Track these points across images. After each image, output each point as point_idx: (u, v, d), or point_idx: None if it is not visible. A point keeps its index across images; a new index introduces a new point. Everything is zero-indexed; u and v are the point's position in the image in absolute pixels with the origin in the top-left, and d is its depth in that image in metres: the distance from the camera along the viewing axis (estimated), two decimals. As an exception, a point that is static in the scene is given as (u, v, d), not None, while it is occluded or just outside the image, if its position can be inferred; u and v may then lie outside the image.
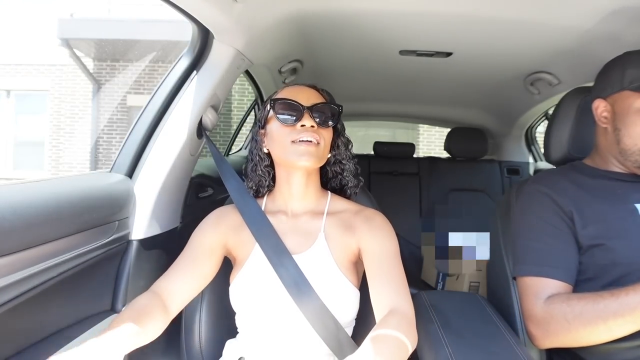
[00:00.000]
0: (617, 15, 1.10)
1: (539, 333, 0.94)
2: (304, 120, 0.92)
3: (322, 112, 0.95)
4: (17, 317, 0.76)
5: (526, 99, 1.98)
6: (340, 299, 0.91)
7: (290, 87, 1.00)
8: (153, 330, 0.83)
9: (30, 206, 0.76)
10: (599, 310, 0.84)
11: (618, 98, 1.00)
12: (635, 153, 0.97)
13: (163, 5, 0.94)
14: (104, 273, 1.02)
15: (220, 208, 1.04)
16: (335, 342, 0.89)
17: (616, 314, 0.82)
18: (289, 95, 0.96)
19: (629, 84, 0.97)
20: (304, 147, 0.91)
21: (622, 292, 0.83)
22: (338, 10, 1.21)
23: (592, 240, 0.96)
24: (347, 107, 2.04)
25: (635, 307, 0.80)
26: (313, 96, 0.97)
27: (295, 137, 0.91)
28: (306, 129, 0.92)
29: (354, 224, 0.97)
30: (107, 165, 1.22)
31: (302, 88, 0.99)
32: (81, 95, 7.63)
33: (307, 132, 0.91)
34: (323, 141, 0.94)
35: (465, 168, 2.64)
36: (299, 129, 0.92)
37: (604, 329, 0.84)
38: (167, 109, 1.14)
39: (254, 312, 0.93)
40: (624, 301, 0.82)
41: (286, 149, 0.92)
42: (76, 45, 7.27)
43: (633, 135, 0.97)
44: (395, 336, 0.79)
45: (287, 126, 0.93)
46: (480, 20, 1.23)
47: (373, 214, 0.99)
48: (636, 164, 0.99)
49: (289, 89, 0.99)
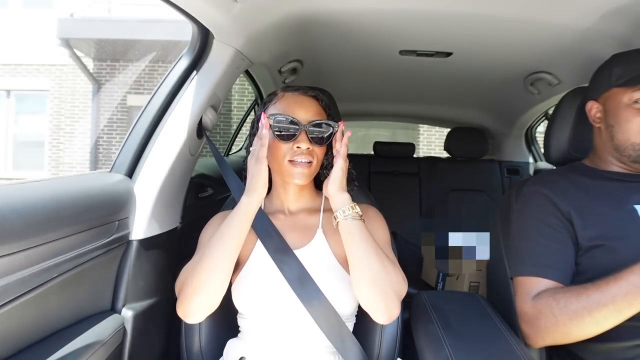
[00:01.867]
0: (617, 15, 1.10)
1: (530, 331, 0.94)
2: (300, 140, 0.91)
3: (320, 129, 0.94)
4: (17, 317, 0.76)
5: (526, 99, 1.98)
6: (341, 291, 0.93)
7: (291, 96, 0.98)
8: None
9: (30, 206, 0.76)
10: (582, 301, 0.86)
11: (608, 96, 1.02)
12: (629, 148, 0.99)
13: (163, 5, 0.94)
14: (104, 273, 1.02)
15: (220, 213, 1.05)
16: (337, 337, 0.91)
17: (599, 304, 0.83)
18: (288, 108, 0.94)
19: (616, 81, 0.99)
20: (299, 169, 0.92)
21: (603, 282, 0.85)
22: (338, 10, 1.21)
23: (592, 242, 0.96)
24: (347, 107, 2.04)
25: (615, 295, 0.82)
26: (312, 110, 0.96)
27: (291, 156, 0.92)
28: (302, 151, 0.92)
29: None
30: (107, 165, 1.22)
31: (303, 99, 0.97)
32: (81, 95, 7.64)
33: (303, 154, 0.92)
34: (316, 159, 0.94)
35: (465, 168, 2.64)
36: (294, 149, 0.92)
37: (590, 321, 0.85)
38: (167, 109, 1.13)
39: (256, 310, 0.93)
40: (605, 290, 0.83)
41: (281, 165, 0.93)
42: (76, 45, 7.28)
43: (625, 130, 0.99)
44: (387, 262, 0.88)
45: (283, 142, 0.92)
46: (480, 20, 1.23)
47: (365, 208, 1.01)
48: (631, 159, 1.00)
49: (289, 98, 0.97)
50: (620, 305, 0.82)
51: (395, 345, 1.03)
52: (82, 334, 0.88)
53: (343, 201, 0.89)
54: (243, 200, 0.88)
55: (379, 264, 0.86)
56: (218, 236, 0.88)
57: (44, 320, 0.84)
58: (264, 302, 0.92)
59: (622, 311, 0.82)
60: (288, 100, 0.97)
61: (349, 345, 0.91)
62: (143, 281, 1.09)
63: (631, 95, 0.97)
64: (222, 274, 0.87)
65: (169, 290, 1.20)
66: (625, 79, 0.97)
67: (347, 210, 0.88)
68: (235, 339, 1.01)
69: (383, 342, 1.03)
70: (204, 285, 0.86)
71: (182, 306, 0.88)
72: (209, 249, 0.87)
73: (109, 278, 1.03)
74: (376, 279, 0.86)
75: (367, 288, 0.86)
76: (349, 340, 0.92)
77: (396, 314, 0.87)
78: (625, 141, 0.99)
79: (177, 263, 1.24)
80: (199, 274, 0.86)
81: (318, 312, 0.90)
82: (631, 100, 0.97)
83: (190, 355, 1.04)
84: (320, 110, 0.97)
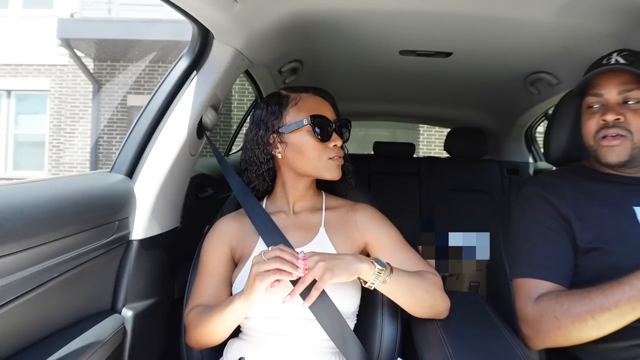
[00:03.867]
0: (617, 15, 1.10)
1: (531, 333, 0.94)
2: (335, 139, 0.99)
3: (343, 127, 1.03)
4: (17, 317, 0.76)
5: (526, 99, 1.98)
6: (343, 290, 0.93)
7: (312, 97, 1.03)
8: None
9: (30, 206, 0.76)
10: (586, 304, 0.85)
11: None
12: (591, 149, 1.02)
13: (163, 5, 0.94)
14: (104, 273, 1.02)
15: (221, 220, 1.07)
16: (339, 335, 0.91)
17: (602, 308, 0.83)
18: (317, 109, 1.00)
19: (578, 88, 1.03)
20: (337, 164, 0.99)
21: (607, 286, 0.84)
22: (338, 10, 1.21)
23: (590, 244, 0.96)
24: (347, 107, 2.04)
25: (619, 300, 0.82)
26: (333, 109, 1.03)
27: (331, 154, 0.98)
28: (337, 149, 0.99)
29: (353, 219, 1.02)
30: (107, 165, 1.22)
31: (326, 103, 1.03)
32: (81, 95, 7.64)
33: (338, 151, 0.99)
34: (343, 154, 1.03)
35: (465, 168, 2.64)
36: (331, 147, 0.98)
37: (592, 324, 0.85)
38: (167, 109, 1.13)
39: (257, 309, 0.93)
40: (609, 294, 0.83)
41: (319, 163, 0.98)
42: (76, 45, 7.28)
43: (584, 133, 1.03)
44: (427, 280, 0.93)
45: (322, 142, 0.97)
46: (480, 20, 1.23)
47: (365, 207, 1.05)
48: (597, 160, 1.01)
49: (311, 99, 1.02)
50: (624, 309, 0.81)
51: (395, 345, 1.03)
52: (82, 334, 0.88)
53: (364, 272, 0.85)
54: (240, 304, 0.85)
55: (423, 290, 0.92)
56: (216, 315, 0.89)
57: (44, 320, 0.84)
58: (264, 300, 0.92)
59: (625, 315, 0.82)
60: (312, 102, 1.01)
61: (350, 344, 0.91)
62: (143, 281, 1.09)
63: (585, 100, 1.02)
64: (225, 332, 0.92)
65: (169, 290, 1.21)
66: (578, 87, 1.02)
67: (375, 278, 0.85)
68: (235, 339, 1.01)
69: (383, 342, 1.03)
70: (210, 337, 0.93)
71: (190, 341, 0.98)
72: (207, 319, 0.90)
73: (109, 278, 1.04)
74: (427, 302, 0.93)
75: (425, 311, 0.94)
76: (350, 339, 0.92)
77: (447, 300, 0.95)
78: (587, 143, 1.03)
79: (177, 263, 1.24)
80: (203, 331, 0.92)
81: (320, 310, 0.89)
82: (586, 106, 1.02)
83: (190, 355, 1.04)
84: (335, 110, 1.05)
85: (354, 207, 1.05)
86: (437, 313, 0.95)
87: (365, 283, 0.87)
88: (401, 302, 0.93)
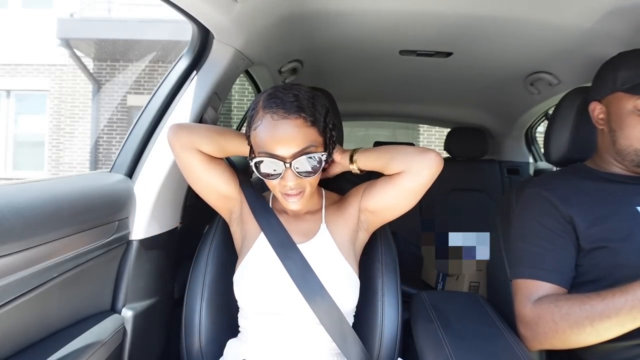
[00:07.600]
0: (617, 15, 1.10)
1: (528, 334, 0.94)
2: (287, 178, 0.87)
3: (308, 158, 0.86)
4: (17, 317, 0.76)
5: (526, 99, 1.98)
6: (343, 285, 0.93)
7: (270, 122, 0.85)
8: None
9: (30, 206, 0.76)
10: (585, 310, 0.85)
11: (612, 100, 1.01)
12: (631, 153, 0.98)
13: (163, 5, 0.94)
14: (104, 273, 1.02)
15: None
16: (339, 334, 0.91)
17: (602, 315, 0.82)
18: (268, 142, 0.85)
19: (621, 86, 0.98)
20: (293, 199, 0.91)
21: (609, 293, 0.83)
22: (338, 10, 1.21)
23: (594, 243, 0.96)
24: (347, 107, 2.03)
25: (620, 309, 0.80)
26: (295, 136, 0.85)
27: (282, 189, 0.90)
28: (290, 187, 0.88)
29: (347, 202, 1.04)
30: (107, 165, 1.22)
31: (285, 125, 0.84)
32: (81, 95, 7.63)
33: (292, 188, 0.89)
34: (309, 186, 0.92)
35: (465, 168, 2.63)
36: (283, 185, 0.89)
37: (590, 331, 0.84)
38: (167, 109, 1.14)
39: (257, 304, 0.93)
40: (610, 302, 0.82)
41: (276, 194, 0.94)
42: (76, 45, 7.27)
43: (628, 136, 0.98)
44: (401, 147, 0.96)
45: (272, 180, 0.90)
46: (480, 20, 1.23)
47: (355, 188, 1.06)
48: (633, 164, 0.99)
49: (269, 125, 0.85)
50: (624, 318, 0.80)
51: (395, 345, 1.03)
52: (82, 334, 0.88)
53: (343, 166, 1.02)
54: None
55: (398, 153, 0.95)
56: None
57: (44, 320, 0.84)
58: (264, 295, 0.93)
59: (625, 324, 0.81)
60: (267, 130, 0.85)
61: (350, 343, 0.92)
62: (143, 281, 1.09)
63: (636, 102, 0.96)
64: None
65: (169, 291, 1.20)
66: (631, 84, 0.96)
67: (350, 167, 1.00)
68: (235, 339, 1.01)
69: (383, 342, 1.03)
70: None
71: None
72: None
73: (109, 278, 1.03)
74: (403, 160, 0.93)
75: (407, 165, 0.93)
76: (350, 337, 0.92)
77: (431, 151, 0.93)
78: (627, 147, 0.99)
79: (177, 263, 1.24)
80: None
81: (320, 307, 0.90)
82: (636, 108, 0.96)
83: (190, 356, 1.04)
84: (306, 131, 0.86)
85: (347, 194, 1.07)
86: (424, 166, 0.91)
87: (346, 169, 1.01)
88: (377, 165, 0.97)
